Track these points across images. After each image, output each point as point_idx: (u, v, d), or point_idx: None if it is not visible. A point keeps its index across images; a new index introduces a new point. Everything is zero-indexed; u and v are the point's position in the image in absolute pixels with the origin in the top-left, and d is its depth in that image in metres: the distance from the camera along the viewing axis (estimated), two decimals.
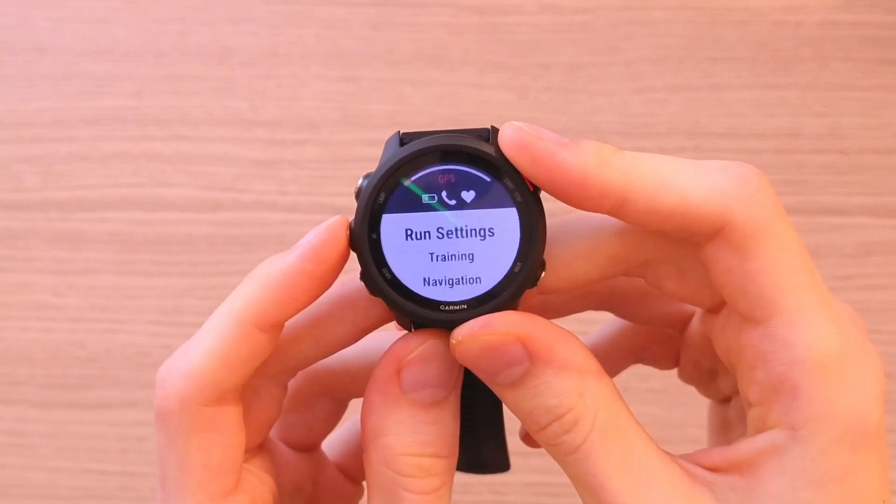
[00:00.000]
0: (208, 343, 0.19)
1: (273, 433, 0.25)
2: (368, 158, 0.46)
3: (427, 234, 0.19)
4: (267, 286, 0.19)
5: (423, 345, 0.20)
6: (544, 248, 0.19)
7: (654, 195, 0.18)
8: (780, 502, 0.18)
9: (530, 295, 0.20)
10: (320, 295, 0.20)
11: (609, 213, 0.19)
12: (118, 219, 0.47)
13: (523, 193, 0.19)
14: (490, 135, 0.19)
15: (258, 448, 0.23)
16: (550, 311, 0.22)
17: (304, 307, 0.20)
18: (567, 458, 0.19)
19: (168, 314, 0.46)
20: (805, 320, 0.18)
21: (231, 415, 0.20)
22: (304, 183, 0.47)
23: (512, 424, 0.24)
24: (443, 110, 0.47)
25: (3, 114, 0.48)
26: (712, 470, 0.20)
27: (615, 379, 0.21)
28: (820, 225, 0.46)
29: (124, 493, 0.44)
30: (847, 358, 0.18)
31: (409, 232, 0.19)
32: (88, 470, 0.45)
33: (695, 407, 0.26)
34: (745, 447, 0.19)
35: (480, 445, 0.25)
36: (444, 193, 0.19)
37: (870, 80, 0.47)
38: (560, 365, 0.19)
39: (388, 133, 0.20)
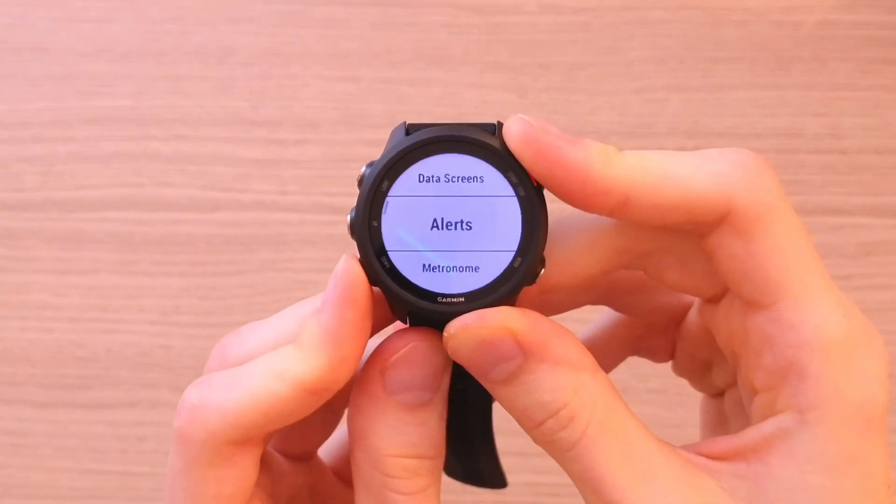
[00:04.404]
0: (256, 392, 0.18)
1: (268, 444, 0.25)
2: (368, 158, 0.46)
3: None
4: (317, 350, 0.18)
5: (407, 346, 0.19)
6: (545, 245, 0.19)
7: (657, 189, 0.18)
8: (789, 487, 0.18)
9: (529, 292, 0.20)
10: (365, 342, 0.19)
11: (609, 212, 0.19)
12: (118, 219, 0.47)
13: (527, 188, 0.19)
14: (496, 129, 0.19)
15: None
16: (549, 307, 0.22)
17: (356, 364, 0.19)
18: (565, 454, 0.19)
19: (168, 314, 0.46)
20: (812, 303, 0.18)
21: (252, 453, 0.19)
22: (304, 183, 0.47)
23: (513, 424, 0.24)
24: (443, 110, 0.47)
25: (3, 114, 0.48)
26: (716, 459, 0.19)
27: (614, 378, 0.21)
28: (820, 225, 0.46)
29: (124, 492, 0.44)
30: (854, 340, 0.18)
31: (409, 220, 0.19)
32: (88, 470, 0.45)
33: (694, 407, 0.26)
34: (751, 434, 0.19)
35: (476, 454, 0.24)
36: (447, 184, 0.19)
37: (869, 80, 0.47)
38: (554, 360, 0.18)
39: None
